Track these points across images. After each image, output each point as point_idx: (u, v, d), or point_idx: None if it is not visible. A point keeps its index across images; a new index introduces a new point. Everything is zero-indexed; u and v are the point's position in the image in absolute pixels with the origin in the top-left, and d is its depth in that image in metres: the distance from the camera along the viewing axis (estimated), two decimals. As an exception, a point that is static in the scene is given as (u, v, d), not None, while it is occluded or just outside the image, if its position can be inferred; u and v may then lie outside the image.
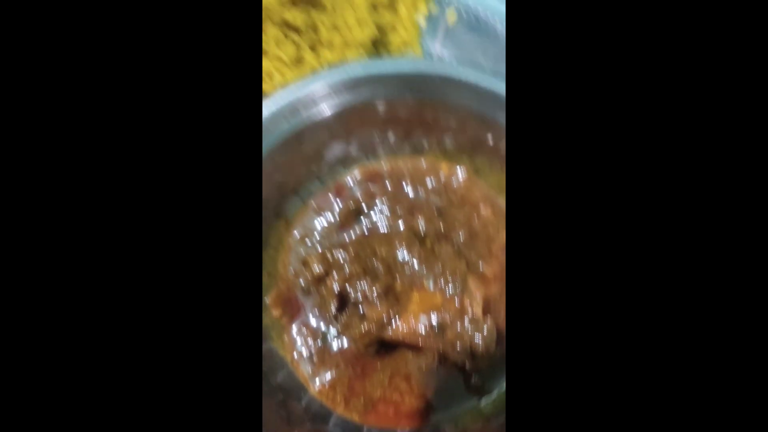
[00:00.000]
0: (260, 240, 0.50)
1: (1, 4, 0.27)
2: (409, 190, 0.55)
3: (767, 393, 0.24)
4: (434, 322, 0.46)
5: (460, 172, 0.55)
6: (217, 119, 0.28)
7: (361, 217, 0.54)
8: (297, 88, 0.46)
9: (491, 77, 0.48)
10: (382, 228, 0.53)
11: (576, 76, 0.27)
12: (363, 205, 0.54)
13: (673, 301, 0.25)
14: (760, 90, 0.26)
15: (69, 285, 0.26)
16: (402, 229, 0.52)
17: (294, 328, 0.51)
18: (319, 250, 0.50)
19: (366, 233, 0.52)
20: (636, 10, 0.27)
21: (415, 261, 0.49)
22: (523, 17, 0.27)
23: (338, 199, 0.55)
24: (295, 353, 0.50)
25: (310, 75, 0.47)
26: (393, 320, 0.46)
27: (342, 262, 0.48)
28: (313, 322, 0.50)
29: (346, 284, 0.47)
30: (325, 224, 0.54)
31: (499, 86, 0.48)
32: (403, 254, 0.49)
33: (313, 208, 0.55)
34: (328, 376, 0.49)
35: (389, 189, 0.55)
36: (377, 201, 0.54)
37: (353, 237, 0.52)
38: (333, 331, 0.49)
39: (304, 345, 0.50)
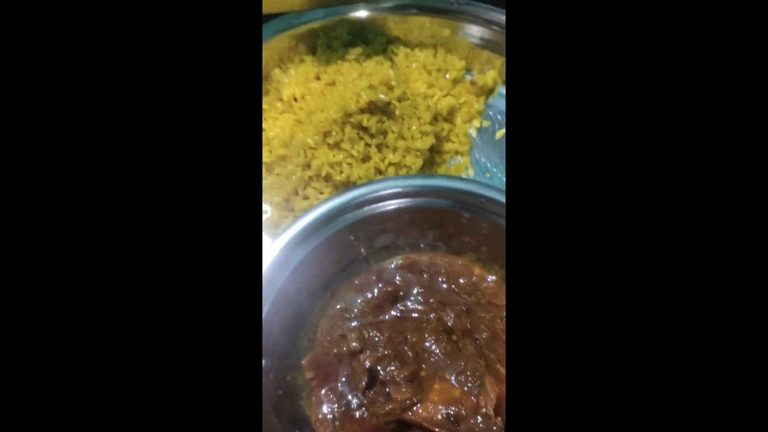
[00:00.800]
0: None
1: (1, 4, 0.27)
2: (443, 283, 0.61)
3: (766, 393, 0.25)
4: (451, 413, 0.51)
5: (490, 277, 0.62)
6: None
7: (397, 302, 0.60)
8: (366, 188, 0.55)
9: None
10: (415, 314, 0.59)
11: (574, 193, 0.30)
12: (400, 291, 0.60)
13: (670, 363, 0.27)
14: (759, 90, 0.27)
15: (70, 285, 0.27)
16: (432, 317, 0.58)
17: (322, 392, 0.56)
18: (357, 327, 0.57)
19: (399, 317, 0.59)
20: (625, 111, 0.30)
21: (441, 353, 0.55)
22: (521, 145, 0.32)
23: (378, 282, 0.62)
24: (319, 414, 0.55)
25: (376, 181, 0.56)
26: (414, 405, 0.52)
27: (376, 341, 0.55)
28: (340, 389, 0.56)
29: (377, 364, 0.53)
30: (364, 302, 0.61)
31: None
32: (431, 344, 0.56)
33: (355, 286, 0.62)
34: (345, 443, 0.54)
35: (425, 279, 0.62)
36: (413, 288, 0.61)
37: (387, 319, 0.59)
38: (356, 401, 0.55)
39: (329, 408, 0.56)
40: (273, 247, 0.54)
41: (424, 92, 0.70)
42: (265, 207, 0.68)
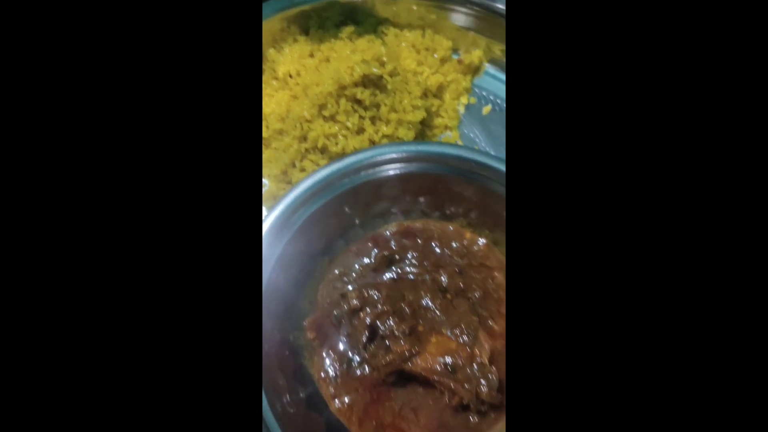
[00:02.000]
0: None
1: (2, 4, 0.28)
2: (436, 247, 0.64)
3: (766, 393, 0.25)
4: (448, 362, 0.54)
5: (481, 241, 0.65)
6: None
7: (393, 265, 0.63)
8: (363, 154, 0.58)
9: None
10: (410, 276, 0.62)
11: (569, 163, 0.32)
12: (396, 255, 0.63)
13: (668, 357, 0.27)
14: (759, 90, 0.27)
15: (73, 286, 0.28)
16: (427, 278, 0.61)
17: (324, 351, 0.59)
18: (356, 287, 0.60)
19: (396, 279, 0.62)
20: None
21: (436, 309, 0.58)
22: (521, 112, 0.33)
23: (375, 247, 0.65)
24: (322, 373, 0.58)
25: (372, 147, 0.59)
26: (413, 356, 0.55)
27: (375, 300, 0.57)
28: (341, 348, 0.59)
29: (377, 320, 0.56)
30: (362, 266, 0.63)
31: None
32: (426, 302, 0.59)
33: (353, 252, 0.64)
34: (347, 397, 0.57)
35: (419, 244, 0.65)
36: (408, 253, 0.64)
37: (385, 280, 0.61)
38: (357, 358, 0.58)
39: (331, 367, 0.58)
40: (272, 213, 0.56)
41: (414, 69, 0.73)
42: (264, 180, 0.70)
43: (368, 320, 0.56)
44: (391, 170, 0.59)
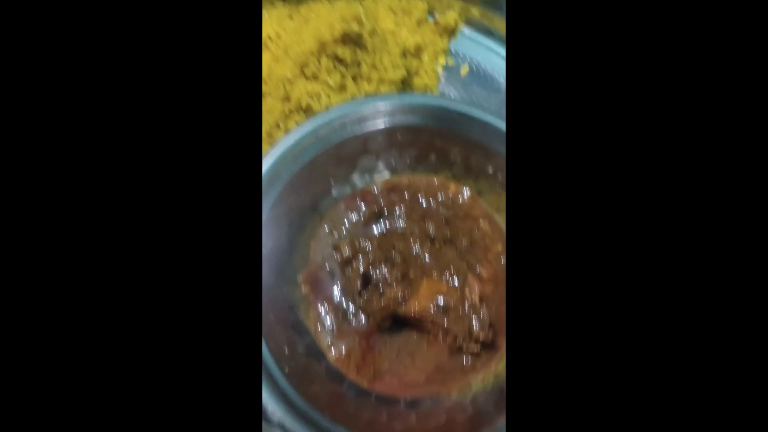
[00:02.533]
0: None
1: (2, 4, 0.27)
2: (422, 201, 0.66)
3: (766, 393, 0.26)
4: (440, 303, 0.56)
5: (465, 191, 0.67)
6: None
7: (382, 219, 0.64)
8: (347, 107, 0.58)
9: (495, 117, 0.61)
10: (399, 229, 0.63)
11: (565, 123, 0.32)
12: (384, 209, 0.65)
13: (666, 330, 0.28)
14: (759, 90, 0.27)
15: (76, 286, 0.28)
16: (416, 231, 0.63)
17: (319, 304, 0.60)
18: (348, 238, 0.61)
19: (385, 232, 0.63)
20: (624, 63, 0.30)
21: (426, 256, 0.60)
22: (520, 73, 0.33)
23: (363, 203, 0.66)
24: (318, 325, 0.59)
25: (356, 100, 0.60)
26: (406, 300, 0.56)
27: (367, 250, 0.59)
28: (336, 299, 0.60)
29: (370, 267, 0.57)
30: (351, 222, 0.65)
31: (501, 125, 0.61)
32: (416, 249, 0.60)
33: (342, 208, 0.65)
34: (344, 346, 0.58)
35: (406, 198, 0.66)
36: (396, 207, 0.65)
37: (375, 233, 0.63)
38: (352, 308, 0.59)
39: (327, 318, 0.59)
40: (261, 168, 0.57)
41: (392, 30, 0.74)
42: (248, 144, 0.70)
43: (361, 268, 0.57)
44: (376, 124, 0.60)
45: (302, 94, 0.65)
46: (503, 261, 0.62)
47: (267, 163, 0.57)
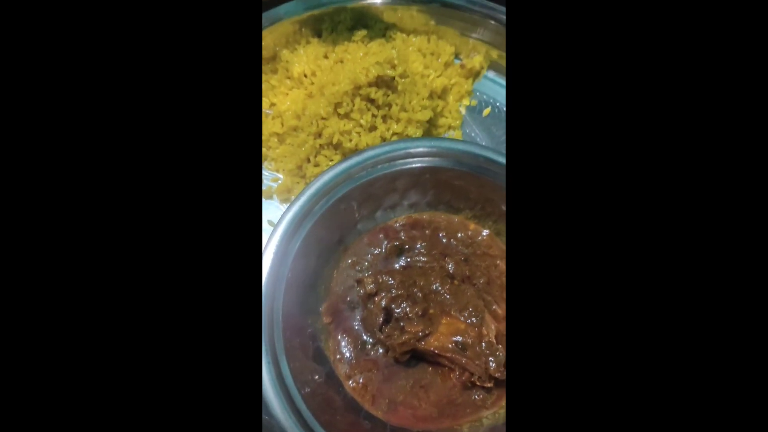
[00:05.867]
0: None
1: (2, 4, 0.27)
2: (443, 238, 0.69)
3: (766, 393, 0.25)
4: (459, 341, 0.58)
5: (484, 232, 0.70)
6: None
7: (403, 253, 0.67)
8: (380, 149, 0.62)
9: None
10: (419, 263, 0.66)
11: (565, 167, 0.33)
12: (405, 245, 0.68)
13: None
14: (759, 90, 0.27)
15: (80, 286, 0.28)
16: (435, 266, 0.65)
17: (339, 335, 0.62)
18: (371, 273, 0.63)
19: (405, 267, 0.66)
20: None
21: (446, 294, 0.62)
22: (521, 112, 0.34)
23: (386, 238, 0.69)
24: (337, 355, 0.62)
25: (389, 143, 0.63)
26: (426, 336, 0.59)
27: (389, 285, 0.61)
28: (355, 331, 0.62)
29: (392, 303, 0.60)
30: (373, 255, 0.67)
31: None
32: (436, 287, 0.63)
33: (365, 242, 0.68)
34: (361, 377, 0.61)
35: (427, 234, 0.69)
36: (417, 243, 0.68)
37: (396, 268, 0.66)
38: (371, 340, 0.61)
39: (346, 348, 0.62)
40: (295, 203, 0.60)
41: (421, 72, 0.78)
42: (278, 174, 0.73)
43: (384, 303, 0.60)
44: (405, 164, 0.64)
45: (335, 131, 0.68)
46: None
47: (301, 200, 0.60)
